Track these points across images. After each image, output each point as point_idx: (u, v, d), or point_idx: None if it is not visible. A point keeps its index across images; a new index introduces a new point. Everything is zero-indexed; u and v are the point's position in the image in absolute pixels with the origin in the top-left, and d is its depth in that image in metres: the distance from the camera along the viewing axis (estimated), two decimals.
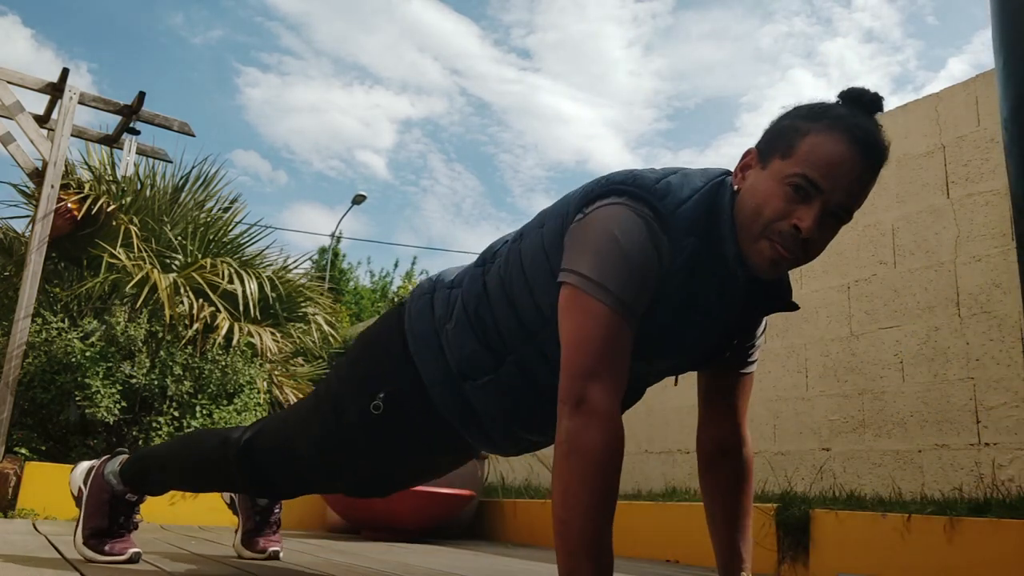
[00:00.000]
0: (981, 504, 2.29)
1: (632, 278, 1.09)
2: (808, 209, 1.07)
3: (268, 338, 4.49)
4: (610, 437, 1.04)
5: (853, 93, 1.14)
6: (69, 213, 4.31)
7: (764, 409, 3.69)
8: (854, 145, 1.07)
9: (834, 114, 1.10)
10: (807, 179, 1.07)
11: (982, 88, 3.10)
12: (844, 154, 1.07)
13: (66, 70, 4.22)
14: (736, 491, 1.39)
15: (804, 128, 1.10)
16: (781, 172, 1.09)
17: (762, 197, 1.10)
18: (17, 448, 3.81)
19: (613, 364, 1.08)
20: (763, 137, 1.17)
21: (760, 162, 1.14)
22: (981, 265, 3.00)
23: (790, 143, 1.10)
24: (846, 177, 1.07)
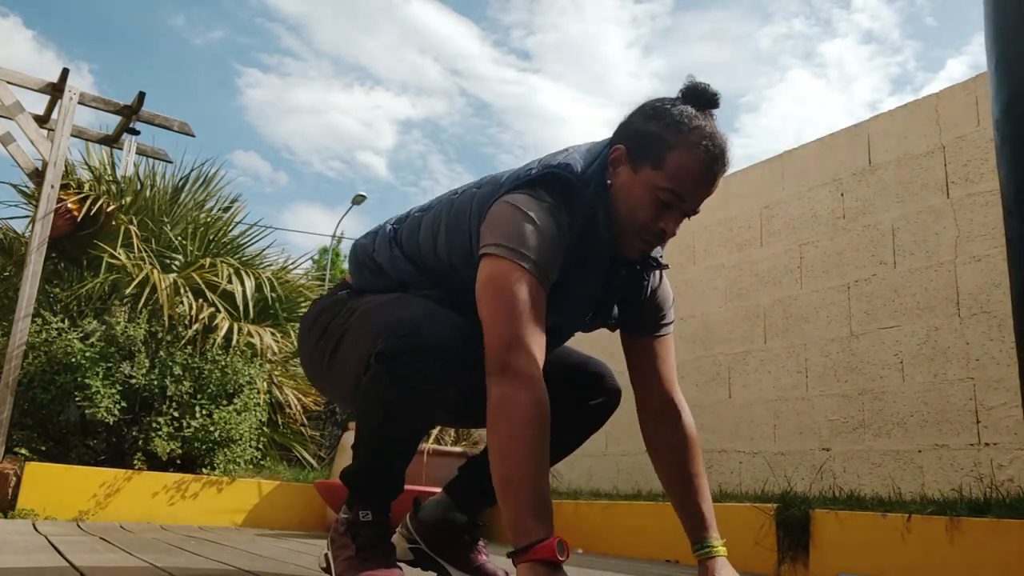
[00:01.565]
0: (981, 504, 2.29)
1: (544, 244, 1.24)
2: (672, 215, 1.30)
3: (268, 338, 4.49)
4: (535, 397, 1.15)
5: (695, 90, 1.32)
6: (69, 213, 4.31)
7: (764, 409, 3.69)
8: (710, 162, 1.28)
9: (692, 126, 1.28)
10: (674, 193, 1.28)
11: (982, 88, 3.10)
12: (703, 172, 1.28)
13: (66, 70, 4.22)
14: (683, 458, 1.46)
15: (671, 141, 1.28)
16: (652, 182, 1.29)
17: (636, 202, 1.30)
18: (17, 448, 3.81)
19: (532, 330, 1.19)
20: (629, 135, 1.33)
21: (630, 163, 1.31)
22: (981, 265, 3.00)
23: (659, 155, 1.28)
24: (703, 187, 1.30)
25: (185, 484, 3.88)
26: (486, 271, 1.24)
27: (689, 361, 4.12)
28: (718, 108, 1.33)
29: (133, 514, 3.69)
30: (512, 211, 1.27)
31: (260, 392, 4.45)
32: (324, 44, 41.22)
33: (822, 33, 43.39)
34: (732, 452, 3.79)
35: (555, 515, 1.29)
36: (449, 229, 1.39)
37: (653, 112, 1.32)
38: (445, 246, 1.39)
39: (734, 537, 2.73)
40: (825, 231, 3.63)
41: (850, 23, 40.28)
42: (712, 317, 4.09)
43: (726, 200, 4.19)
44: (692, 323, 4.18)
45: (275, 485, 4.13)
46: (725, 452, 3.82)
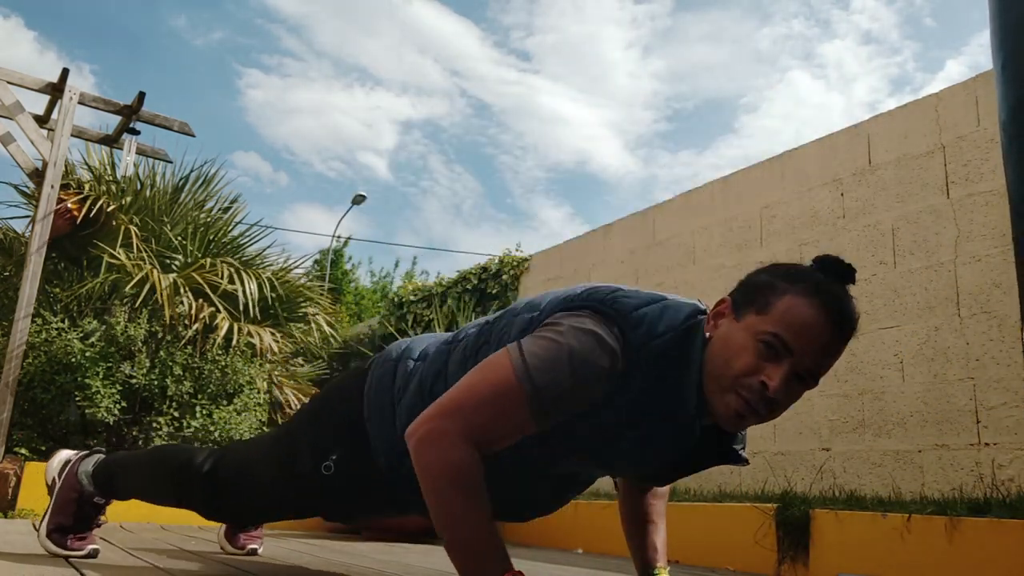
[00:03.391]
0: (981, 504, 2.28)
1: (561, 382, 1.10)
2: (777, 368, 1.10)
3: (268, 338, 4.49)
4: (449, 455, 1.07)
5: (828, 261, 1.18)
6: (69, 213, 4.31)
7: None
8: (828, 314, 1.11)
9: (812, 279, 1.14)
10: (779, 339, 1.10)
11: (982, 88, 3.10)
12: (817, 321, 1.10)
13: (66, 70, 4.22)
14: (650, 503, 1.50)
15: (781, 288, 1.13)
16: (755, 328, 1.11)
17: (734, 350, 1.12)
18: (17, 448, 3.81)
19: (479, 418, 1.10)
20: (739, 289, 1.20)
21: (734, 313, 1.16)
22: (981, 265, 3.00)
23: (766, 300, 1.13)
24: (816, 343, 1.11)
25: None
26: (495, 358, 1.15)
27: None
28: (854, 283, 1.18)
29: (133, 514, 3.69)
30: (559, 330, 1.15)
31: (260, 392, 4.45)
32: (324, 45, 41.24)
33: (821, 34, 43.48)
34: None
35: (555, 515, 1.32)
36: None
37: (770, 265, 1.20)
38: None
39: (734, 537, 2.73)
40: (825, 231, 3.63)
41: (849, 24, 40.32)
42: None
43: (726, 200, 4.20)
44: None
45: None
46: None
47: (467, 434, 1.09)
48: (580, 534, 3.31)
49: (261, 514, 1.67)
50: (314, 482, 1.44)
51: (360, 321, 12.93)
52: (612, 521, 3.30)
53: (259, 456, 1.60)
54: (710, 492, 3.49)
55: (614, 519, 1.53)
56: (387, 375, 1.42)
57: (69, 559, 1.73)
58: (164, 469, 1.73)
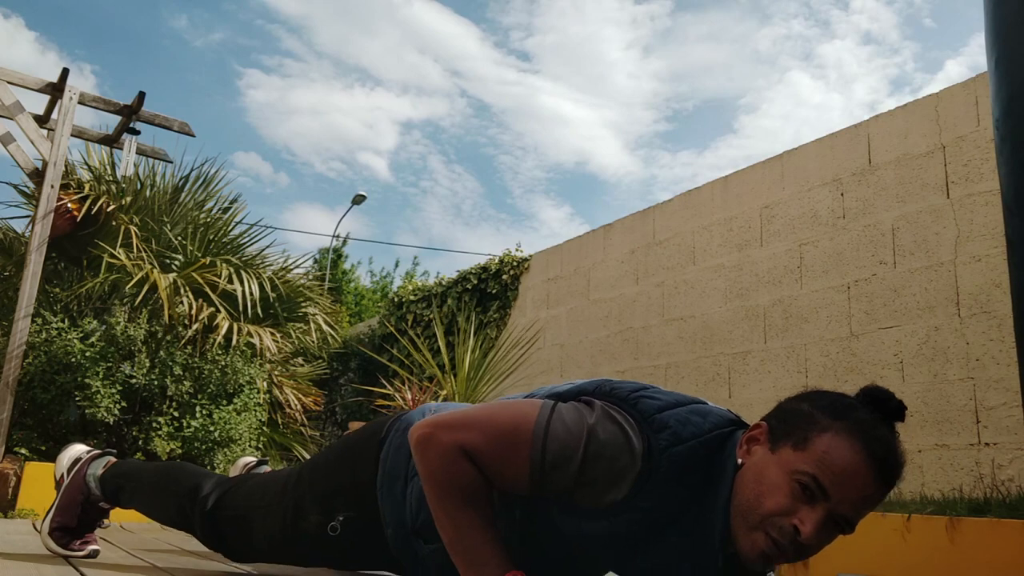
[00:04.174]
0: (981, 504, 2.28)
1: (570, 461, 1.07)
2: (812, 512, 1.02)
3: (268, 338, 4.49)
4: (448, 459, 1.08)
5: (879, 395, 1.08)
6: (69, 213, 4.30)
7: (764, 409, 3.68)
8: (872, 461, 1.02)
9: (857, 418, 1.05)
10: (817, 482, 1.02)
11: (982, 88, 3.10)
12: (859, 468, 1.02)
13: (66, 70, 4.22)
14: None
15: (823, 424, 1.05)
16: (791, 465, 1.04)
17: (767, 486, 1.05)
18: (17, 448, 3.81)
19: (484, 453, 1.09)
20: (777, 415, 1.12)
21: (770, 442, 1.08)
22: (981, 265, 3.00)
23: (805, 435, 1.05)
24: (857, 491, 1.03)
25: None
26: (529, 404, 1.13)
27: (689, 361, 4.11)
28: (903, 422, 1.08)
29: (133, 514, 3.68)
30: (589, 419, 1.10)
31: (260, 392, 4.45)
32: (325, 45, 41.24)
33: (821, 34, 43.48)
34: None
35: None
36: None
37: (814, 394, 1.12)
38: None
39: None
40: (825, 231, 3.63)
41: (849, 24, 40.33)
42: (712, 317, 4.09)
43: (726, 200, 4.20)
44: (692, 323, 4.18)
45: None
46: None
47: (458, 441, 1.09)
48: None
49: (259, 556, 1.66)
50: (317, 539, 1.44)
51: (360, 321, 12.93)
52: None
53: (264, 504, 1.56)
54: None
55: None
56: (405, 446, 1.37)
57: (69, 559, 1.73)
58: (169, 494, 1.72)
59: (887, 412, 1.07)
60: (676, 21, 45.49)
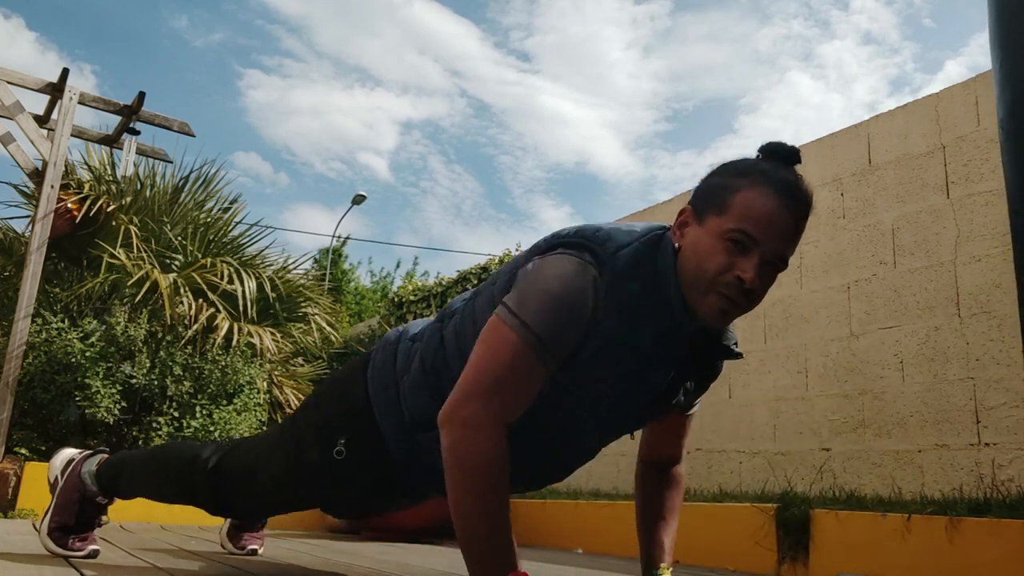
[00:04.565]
0: (981, 504, 2.28)
1: (556, 319, 1.15)
2: (748, 260, 1.15)
3: (268, 338, 4.49)
4: (488, 447, 1.12)
5: (771, 147, 1.23)
6: (69, 213, 4.30)
7: (764, 409, 3.69)
8: (781, 198, 1.16)
9: (759, 169, 1.18)
10: (744, 233, 1.14)
11: (982, 88, 3.10)
12: (774, 207, 1.15)
13: (66, 70, 4.22)
14: (664, 492, 1.48)
15: (735, 185, 1.17)
16: (719, 228, 1.16)
17: (704, 253, 1.17)
18: (17, 448, 3.81)
19: (505, 392, 1.14)
20: (695, 195, 1.24)
21: (696, 219, 1.20)
22: (981, 265, 3.00)
23: (723, 200, 1.17)
24: (778, 227, 1.16)
25: None
26: (491, 327, 1.19)
27: None
28: (798, 163, 1.23)
29: (133, 514, 3.69)
30: (539, 272, 1.20)
31: (260, 392, 4.45)
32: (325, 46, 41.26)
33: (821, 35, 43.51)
34: (732, 452, 3.79)
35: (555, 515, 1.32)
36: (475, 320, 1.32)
37: (720, 166, 1.24)
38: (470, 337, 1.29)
39: (734, 537, 2.73)
40: (825, 231, 3.63)
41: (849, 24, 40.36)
42: None
43: None
44: None
45: None
46: (725, 452, 3.82)
47: (496, 412, 1.13)
48: (580, 534, 3.31)
49: (269, 508, 1.67)
50: (324, 469, 1.46)
51: (360, 321, 12.92)
52: (612, 521, 3.31)
53: (266, 448, 1.60)
54: (710, 492, 3.49)
55: (614, 519, 1.53)
56: (388, 357, 1.45)
57: (69, 559, 1.73)
58: (169, 467, 1.73)
59: (784, 158, 1.21)
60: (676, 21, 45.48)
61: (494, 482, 1.11)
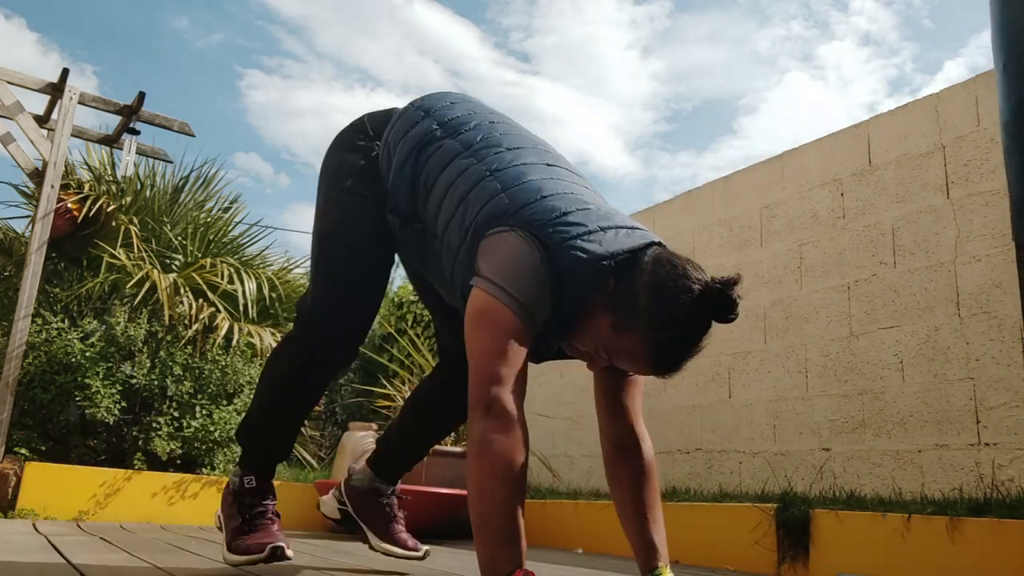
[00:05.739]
0: (981, 504, 2.29)
1: (534, 287, 1.26)
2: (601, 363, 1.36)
3: (268, 338, 4.49)
4: (517, 437, 1.19)
5: (717, 297, 1.27)
6: (69, 213, 4.30)
7: (764, 409, 3.69)
8: (657, 368, 1.30)
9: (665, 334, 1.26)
10: (609, 357, 1.32)
11: (982, 88, 3.10)
12: (645, 367, 1.31)
13: (66, 70, 4.22)
14: (639, 487, 1.47)
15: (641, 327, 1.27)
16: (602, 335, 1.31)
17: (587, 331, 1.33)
18: (17, 448, 3.81)
19: (516, 369, 1.23)
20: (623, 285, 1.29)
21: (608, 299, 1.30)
22: (981, 265, 3.00)
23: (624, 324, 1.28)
24: (639, 370, 1.35)
25: (185, 484, 3.87)
26: (477, 303, 1.27)
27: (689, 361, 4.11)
28: (727, 323, 1.30)
29: (133, 514, 3.69)
30: (512, 246, 1.29)
31: None
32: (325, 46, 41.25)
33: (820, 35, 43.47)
34: (732, 452, 3.79)
35: (555, 515, 1.34)
36: (455, 214, 1.43)
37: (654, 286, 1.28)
38: (445, 219, 1.45)
39: (734, 537, 2.73)
40: (825, 231, 3.64)
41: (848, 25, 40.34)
42: None
43: (726, 200, 4.20)
44: None
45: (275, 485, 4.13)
46: (725, 452, 3.82)
47: (519, 398, 1.22)
48: (580, 534, 3.31)
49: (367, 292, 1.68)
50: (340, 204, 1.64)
51: None
52: (612, 521, 3.30)
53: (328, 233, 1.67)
54: (710, 492, 3.49)
55: (614, 519, 1.52)
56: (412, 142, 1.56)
57: (71, 563, 1.73)
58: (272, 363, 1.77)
59: (718, 315, 1.28)
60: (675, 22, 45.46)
61: (518, 474, 1.18)
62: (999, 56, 1.50)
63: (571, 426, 4.43)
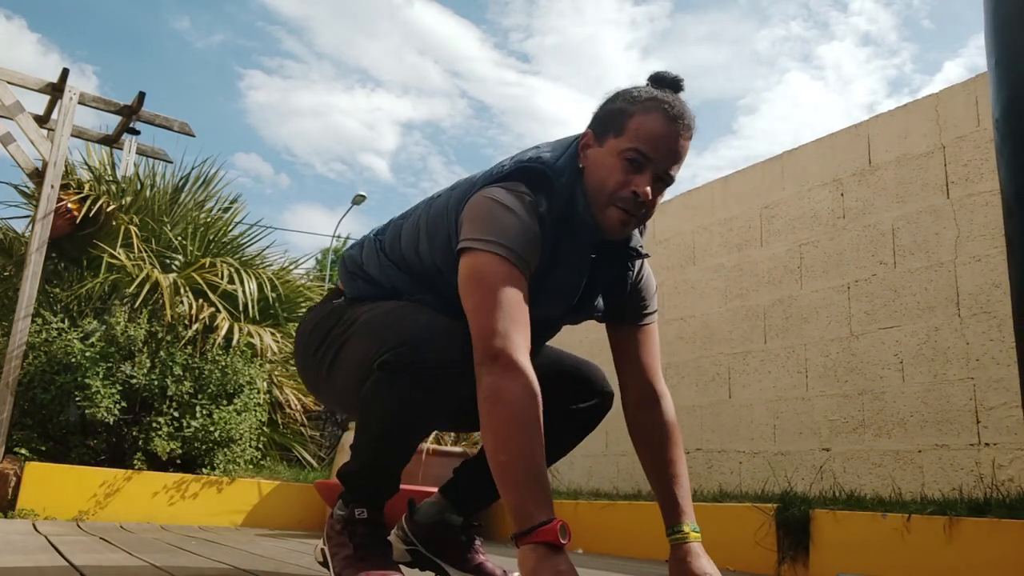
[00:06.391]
0: (981, 504, 2.29)
1: (521, 233, 1.27)
2: (642, 177, 1.31)
3: (268, 338, 4.49)
4: (527, 383, 1.17)
5: (659, 76, 1.38)
6: (69, 213, 4.31)
7: (764, 409, 3.69)
8: (670, 119, 1.31)
9: (651, 96, 1.33)
10: (639, 152, 1.30)
11: (982, 88, 3.10)
12: (665, 128, 1.31)
13: (66, 70, 4.22)
14: (662, 443, 1.47)
15: (629, 110, 1.32)
16: (616, 148, 1.31)
17: (605, 171, 1.32)
18: (17, 448, 3.81)
19: (517, 318, 1.21)
20: (594, 120, 1.38)
21: (596, 142, 1.35)
22: (981, 265, 3.00)
23: (620, 123, 1.32)
24: (667, 147, 1.31)
25: (185, 484, 3.88)
26: (466, 265, 1.27)
27: (689, 361, 4.11)
28: (682, 91, 1.38)
29: (133, 514, 3.69)
30: (488, 203, 1.30)
31: (260, 392, 4.45)
32: (325, 47, 41.28)
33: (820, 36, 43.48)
34: (732, 452, 3.79)
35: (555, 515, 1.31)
36: (430, 234, 1.42)
37: (614, 94, 1.38)
38: (428, 250, 1.42)
39: (734, 537, 2.73)
40: (825, 231, 3.64)
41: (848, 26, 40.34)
42: (712, 317, 4.09)
43: (726, 200, 4.20)
44: (692, 323, 4.18)
45: (275, 485, 4.13)
46: (725, 452, 3.82)
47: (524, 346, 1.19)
48: (580, 534, 3.31)
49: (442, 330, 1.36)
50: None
51: None
52: (612, 521, 3.31)
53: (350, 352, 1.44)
54: (710, 492, 3.49)
55: (614, 519, 1.52)
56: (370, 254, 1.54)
57: (70, 561, 1.73)
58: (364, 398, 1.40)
59: (670, 85, 1.36)
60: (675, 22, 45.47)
61: (535, 419, 1.15)
62: (991, 54, 1.50)
63: None
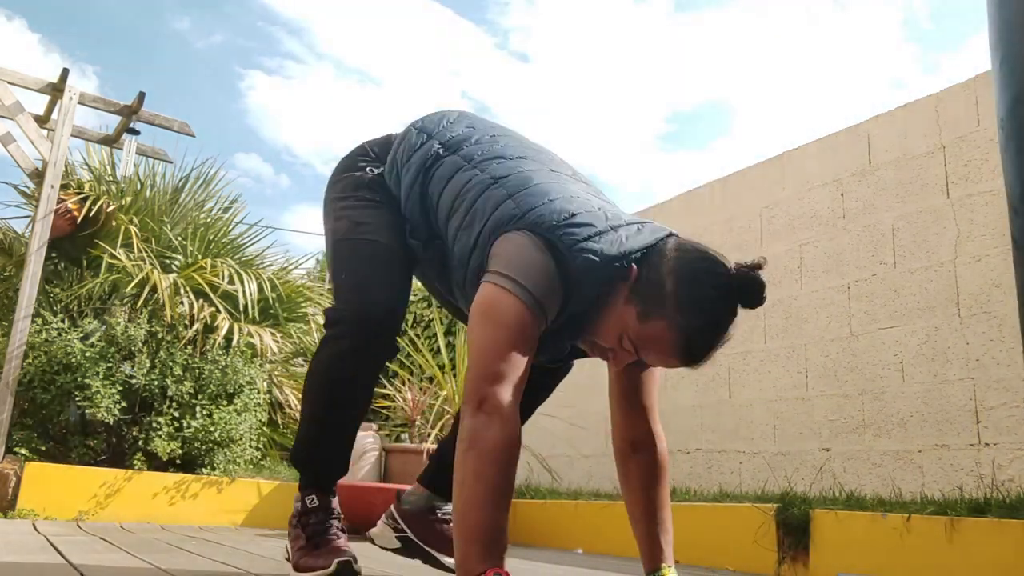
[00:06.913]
0: (981, 504, 2.28)
1: (546, 283, 1.25)
2: (624, 356, 1.32)
3: (268, 338, 4.49)
4: (507, 435, 1.16)
5: (746, 283, 1.27)
6: (69, 213, 4.30)
7: (764, 409, 3.68)
8: (685, 356, 1.26)
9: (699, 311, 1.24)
10: (636, 348, 1.28)
11: (982, 88, 3.10)
12: (672, 357, 1.27)
13: (66, 70, 4.22)
14: (651, 485, 1.47)
15: (667, 312, 1.24)
16: (626, 325, 1.28)
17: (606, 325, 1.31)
18: (17, 448, 3.81)
19: (516, 365, 1.20)
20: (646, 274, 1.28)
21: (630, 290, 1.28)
22: (981, 265, 3.00)
23: (649, 311, 1.25)
24: (665, 362, 1.30)
25: (185, 484, 3.88)
26: (485, 296, 1.25)
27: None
28: (753, 308, 1.29)
29: (133, 514, 3.69)
30: (522, 245, 1.28)
31: (260, 392, 4.45)
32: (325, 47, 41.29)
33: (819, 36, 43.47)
34: (732, 452, 3.79)
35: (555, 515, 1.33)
36: (464, 224, 1.43)
37: (681, 269, 1.28)
38: (454, 230, 1.45)
39: (734, 537, 2.73)
40: (825, 231, 3.64)
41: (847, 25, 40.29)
42: None
43: (726, 200, 4.20)
44: None
45: (275, 485, 4.13)
46: (725, 452, 3.82)
47: (514, 395, 1.18)
48: (580, 534, 3.31)
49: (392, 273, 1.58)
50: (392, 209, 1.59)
51: None
52: (612, 521, 3.31)
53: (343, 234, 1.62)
54: (710, 492, 3.49)
55: (614, 519, 1.53)
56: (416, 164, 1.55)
57: (69, 560, 1.73)
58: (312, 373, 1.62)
59: (747, 301, 1.27)
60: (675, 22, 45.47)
61: (502, 472, 1.15)
62: (995, 55, 1.50)
63: (571, 427, 4.43)
